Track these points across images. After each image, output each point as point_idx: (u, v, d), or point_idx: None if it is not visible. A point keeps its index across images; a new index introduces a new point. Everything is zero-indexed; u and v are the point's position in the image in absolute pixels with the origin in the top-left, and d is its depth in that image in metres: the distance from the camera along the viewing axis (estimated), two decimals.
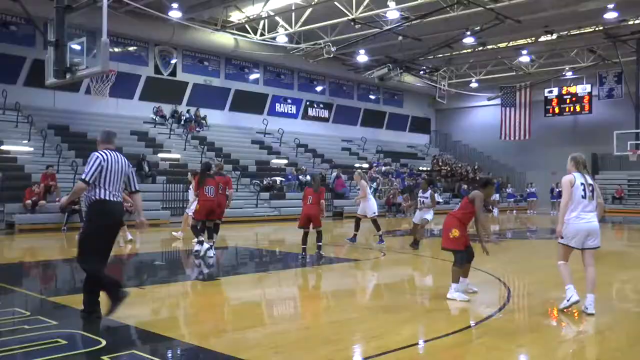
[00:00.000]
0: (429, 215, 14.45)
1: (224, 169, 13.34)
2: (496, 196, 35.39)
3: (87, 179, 6.57)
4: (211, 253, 12.37)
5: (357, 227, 15.78)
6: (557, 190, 33.77)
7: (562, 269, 7.39)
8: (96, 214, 6.72)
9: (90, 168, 6.60)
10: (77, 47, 14.00)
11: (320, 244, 12.97)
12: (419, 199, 14.68)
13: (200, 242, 12.57)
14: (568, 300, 7.30)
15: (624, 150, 31.79)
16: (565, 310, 7.38)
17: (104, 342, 5.80)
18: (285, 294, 9.45)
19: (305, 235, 13.00)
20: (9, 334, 6.28)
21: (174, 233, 17.09)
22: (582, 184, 7.30)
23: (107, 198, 6.65)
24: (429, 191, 14.44)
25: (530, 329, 6.84)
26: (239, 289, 9.58)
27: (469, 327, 6.94)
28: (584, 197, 7.23)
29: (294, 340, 6.25)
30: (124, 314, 6.82)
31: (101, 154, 6.70)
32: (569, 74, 37.30)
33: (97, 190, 6.64)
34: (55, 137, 25.21)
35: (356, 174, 16.42)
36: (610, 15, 26.84)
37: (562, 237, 7.35)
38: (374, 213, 15.56)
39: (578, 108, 38.65)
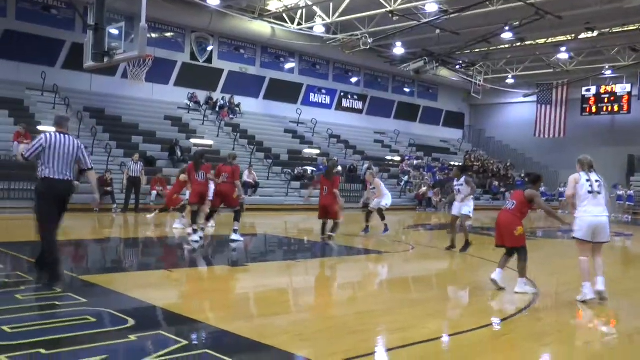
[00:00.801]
0: (468, 208, 12.65)
1: (236, 159, 13.30)
2: None
3: (25, 156, 7.49)
4: (196, 237, 12.44)
5: (368, 219, 16.23)
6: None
7: (582, 264, 7.68)
8: (41, 190, 7.51)
9: (31, 147, 7.48)
10: (115, 31, 14.16)
11: (333, 234, 13.22)
12: (454, 188, 12.97)
13: (195, 230, 12.58)
14: (584, 297, 7.58)
15: None
16: (583, 302, 7.60)
17: (131, 322, 5.87)
18: (311, 283, 9.52)
19: (324, 225, 13.26)
20: (42, 309, 6.44)
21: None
22: (587, 180, 7.69)
23: (50, 176, 7.40)
24: (463, 177, 12.74)
25: (557, 329, 6.74)
26: (266, 276, 9.60)
27: (495, 324, 6.88)
28: (590, 192, 7.63)
29: (319, 329, 6.26)
30: (152, 295, 6.93)
31: (45, 136, 7.52)
32: (608, 73, 36.53)
33: (42, 169, 7.42)
34: (91, 120, 25.55)
35: (368, 175, 17.03)
36: None
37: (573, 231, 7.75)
38: (386, 205, 15.95)
39: (616, 108, 37.97)
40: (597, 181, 7.71)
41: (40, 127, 23.38)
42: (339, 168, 13.71)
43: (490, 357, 5.60)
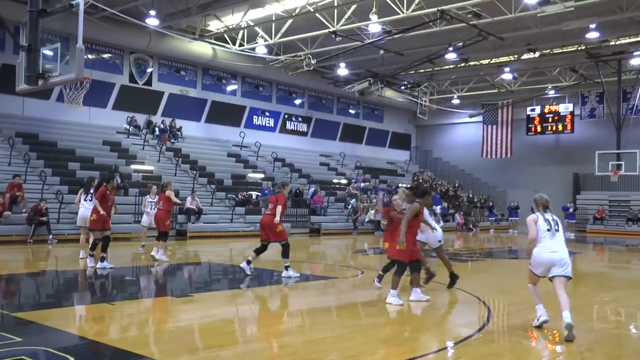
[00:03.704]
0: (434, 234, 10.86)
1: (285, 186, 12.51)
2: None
3: None
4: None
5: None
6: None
7: (531, 291, 7.89)
8: None
9: None
10: (49, 52, 13.40)
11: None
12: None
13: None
14: (538, 320, 7.67)
15: (606, 171, 31.53)
16: (537, 327, 7.64)
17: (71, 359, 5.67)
18: (259, 311, 9.36)
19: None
20: None
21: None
22: (545, 219, 7.73)
23: None
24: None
25: (510, 350, 6.81)
26: (211, 306, 9.36)
27: (449, 347, 6.85)
28: (549, 229, 7.65)
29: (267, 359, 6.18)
30: (93, 330, 6.87)
31: None
32: (551, 93, 37.14)
33: None
34: (23, 146, 24.43)
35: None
36: (592, 35, 26.67)
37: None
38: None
39: (560, 127, 38.47)
40: (554, 220, 7.76)
41: None
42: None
43: None
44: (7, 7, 20.21)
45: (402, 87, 37.34)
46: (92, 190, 14.98)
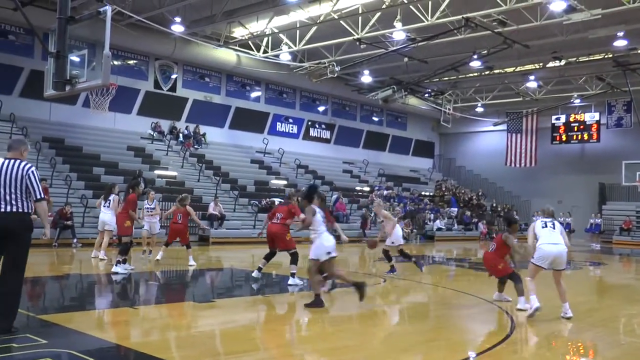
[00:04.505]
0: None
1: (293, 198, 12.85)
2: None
3: None
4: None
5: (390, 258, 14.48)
6: (562, 219, 33.10)
7: (529, 283, 8.90)
8: None
9: None
10: (76, 59, 13.51)
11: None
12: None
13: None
14: (532, 307, 8.54)
15: (633, 181, 31.13)
16: (530, 317, 8.56)
17: None
18: (281, 318, 9.29)
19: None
20: None
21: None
22: (542, 221, 9.13)
23: None
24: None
25: None
26: (233, 312, 9.31)
27: (470, 357, 6.74)
28: (544, 227, 8.99)
29: None
30: (115, 334, 6.87)
31: None
32: (577, 102, 36.66)
33: None
34: (50, 150, 24.70)
35: (376, 206, 15.41)
36: (620, 43, 26.36)
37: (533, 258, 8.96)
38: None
39: (586, 136, 37.98)
40: (551, 222, 9.05)
41: None
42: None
43: None
44: (36, 14, 20.53)
45: (426, 95, 37.24)
46: (111, 197, 15.24)
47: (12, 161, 6.83)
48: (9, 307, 6.64)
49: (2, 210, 6.65)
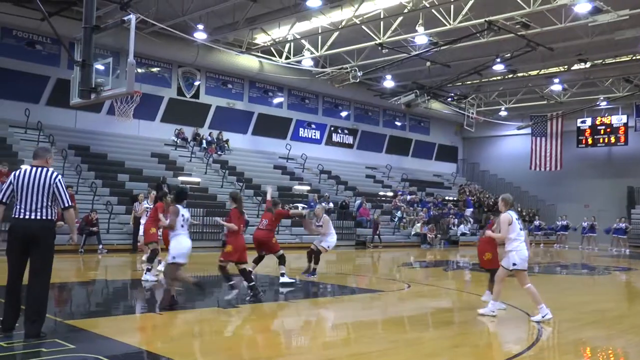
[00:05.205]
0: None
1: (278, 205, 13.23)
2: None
3: (0, 199, 6.86)
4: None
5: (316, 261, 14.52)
6: (586, 223, 32.69)
7: (532, 289, 8.86)
8: (7, 231, 6.86)
9: (2, 188, 6.93)
10: (101, 67, 13.68)
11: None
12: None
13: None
14: (543, 318, 8.73)
15: None
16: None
17: None
18: (304, 323, 9.26)
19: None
20: (27, 356, 6.24)
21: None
22: (517, 219, 9.00)
23: (15, 215, 6.75)
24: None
25: None
26: (257, 317, 9.41)
27: None
28: (521, 229, 8.98)
29: None
30: (141, 339, 6.97)
31: (14, 172, 6.92)
32: (604, 104, 36.18)
33: (14, 207, 6.82)
34: (76, 158, 24.96)
35: (318, 209, 15.27)
36: None
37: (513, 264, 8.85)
38: (328, 247, 14.56)
39: (613, 139, 37.45)
40: (518, 219, 9.03)
41: (23, 167, 22.76)
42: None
43: None
44: (63, 24, 20.85)
45: (449, 99, 37.08)
46: (136, 206, 15.40)
47: (39, 169, 6.94)
48: (37, 313, 6.74)
49: (27, 217, 6.76)
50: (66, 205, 6.96)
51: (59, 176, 7.04)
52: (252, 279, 10.64)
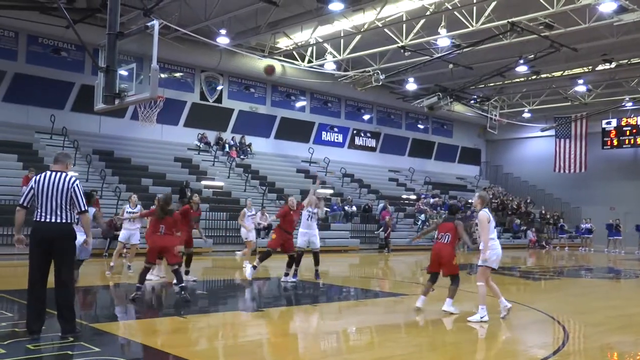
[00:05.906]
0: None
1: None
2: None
3: (20, 203, 7.10)
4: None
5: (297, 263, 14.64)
6: (608, 224, 32.34)
7: (484, 288, 8.94)
8: (29, 235, 7.01)
9: (24, 192, 7.12)
10: (125, 73, 13.84)
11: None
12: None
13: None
14: (506, 309, 9.06)
15: None
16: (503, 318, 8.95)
17: None
18: (328, 327, 9.22)
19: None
20: (54, 359, 6.35)
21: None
22: (493, 217, 9.05)
23: (36, 219, 6.98)
24: None
25: None
26: (281, 321, 9.43)
27: None
28: (495, 227, 9.12)
29: None
30: (165, 342, 7.05)
31: (35, 177, 7.12)
32: (629, 105, 35.70)
33: (35, 213, 7.01)
34: (100, 162, 25.23)
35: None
36: None
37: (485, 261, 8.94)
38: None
39: (639, 140, 37.00)
40: (494, 216, 9.09)
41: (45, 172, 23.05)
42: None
43: None
44: (87, 31, 21.07)
45: (472, 102, 36.83)
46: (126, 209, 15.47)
47: (58, 174, 7.15)
48: (68, 309, 7.00)
49: (48, 220, 6.97)
50: (82, 209, 7.16)
51: (77, 181, 7.24)
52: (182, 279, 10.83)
